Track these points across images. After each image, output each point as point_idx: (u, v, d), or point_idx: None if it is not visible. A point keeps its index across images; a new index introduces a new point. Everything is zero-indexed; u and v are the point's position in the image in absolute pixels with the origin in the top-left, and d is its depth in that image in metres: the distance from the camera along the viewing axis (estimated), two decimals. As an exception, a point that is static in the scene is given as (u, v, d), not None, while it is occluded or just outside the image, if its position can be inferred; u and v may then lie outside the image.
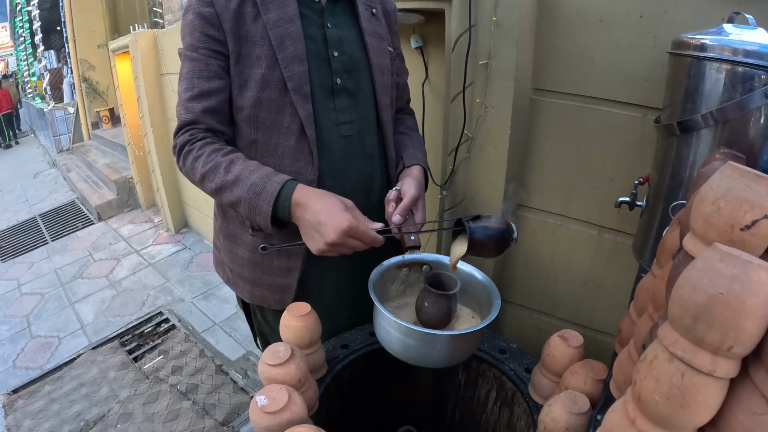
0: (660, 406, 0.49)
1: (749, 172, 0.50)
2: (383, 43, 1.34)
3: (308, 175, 1.23)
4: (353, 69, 1.27)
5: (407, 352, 1.05)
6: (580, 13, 1.44)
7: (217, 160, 1.14)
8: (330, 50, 1.23)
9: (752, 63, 0.95)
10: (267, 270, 1.32)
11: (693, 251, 0.54)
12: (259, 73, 1.16)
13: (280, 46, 1.15)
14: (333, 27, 1.24)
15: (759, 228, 0.49)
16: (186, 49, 1.19)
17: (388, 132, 1.38)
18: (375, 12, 1.34)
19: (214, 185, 1.14)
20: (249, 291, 1.36)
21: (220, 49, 1.16)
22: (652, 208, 1.21)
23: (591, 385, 0.93)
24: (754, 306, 0.42)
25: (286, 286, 1.31)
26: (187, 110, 1.18)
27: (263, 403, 0.85)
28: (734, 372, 0.47)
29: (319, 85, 1.22)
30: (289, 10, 1.17)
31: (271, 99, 1.18)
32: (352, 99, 1.28)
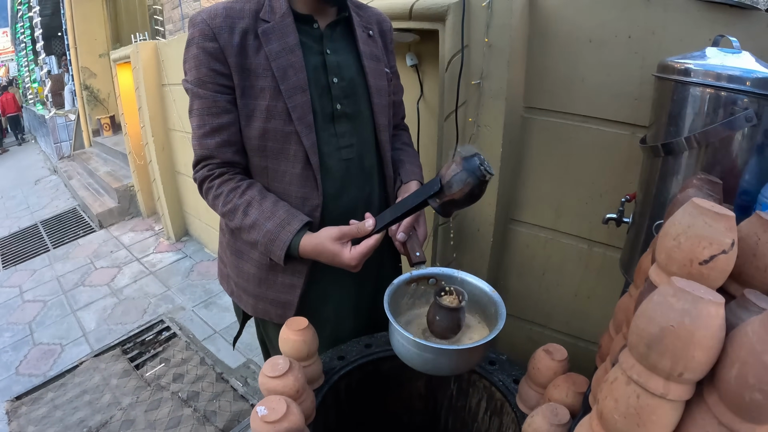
0: (619, 424, 0.54)
1: (709, 210, 0.54)
2: (380, 65, 1.36)
3: (314, 200, 1.27)
4: (352, 94, 1.29)
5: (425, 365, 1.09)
6: (570, 34, 1.49)
7: (235, 202, 1.23)
8: (330, 77, 1.24)
9: (734, 88, 0.98)
10: (271, 286, 1.35)
11: (656, 282, 0.59)
12: (264, 104, 1.19)
13: (283, 77, 1.17)
14: (332, 53, 1.26)
15: (717, 263, 0.53)
16: (193, 85, 1.20)
17: (386, 152, 1.40)
18: (371, 33, 1.35)
19: (234, 225, 1.25)
20: (252, 305, 1.40)
21: (227, 82, 1.18)
22: (638, 226, 1.25)
23: (572, 398, 0.97)
24: (703, 338, 0.47)
25: (288, 301, 1.35)
26: (202, 146, 1.23)
27: (263, 413, 0.89)
28: (687, 395, 0.52)
29: (321, 112, 1.24)
30: (289, 39, 1.19)
31: (277, 129, 1.20)
32: (352, 123, 1.31)
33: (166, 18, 6.15)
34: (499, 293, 1.18)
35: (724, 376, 0.47)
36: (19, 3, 12.68)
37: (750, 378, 0.44)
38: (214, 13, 1.16)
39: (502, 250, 1.85)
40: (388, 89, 1.39)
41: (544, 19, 1.53)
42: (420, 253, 1.25)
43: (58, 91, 11.26)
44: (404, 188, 1.40)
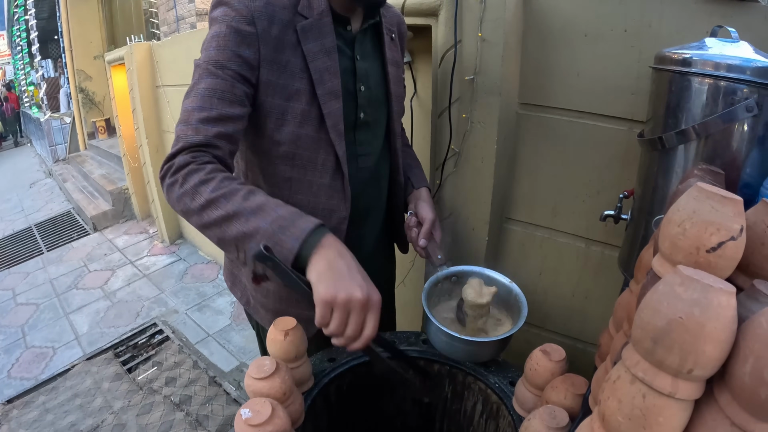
0: (623, 426, 0.50)
1: (716, 194, 0.51)
2: (399, 71, 1.33)
3: (341, 213, 1.21)
4: (375, 103, 1.25)
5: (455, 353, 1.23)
6: (565, 28, 1.46)
7: (234, 186, 0.97)
8: (357, 84, 1.18)
9: (734, 77, 0.96)
10: (293, 303, 1.28)
11: (660, 272, 0.55)
12: (299, 108, 1.09)
13: (320, 80, 1.09)
14: (361, 59, 1.19)
15: (725, 250, 0.49)
16: (209, 64, 1.02)
17: (398, 158, 1.38)
18: (393, 37, 1.30)
19: (224, 212, 0.95)
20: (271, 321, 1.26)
21: (250, 75, 1.04)
22: (637, 222, 1.22)
23: (571, 400, 0.94)
24: (714, 330, 0.43)
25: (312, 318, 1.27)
26: (197, 131, 1.00)
27: (247, 416, 0.86)
28: (696, 394, 0.47)
29: (345, 120, 1.16)
30: (327, 41, 1.10)
31: (309, 135, 1.12)
32: (371, 132, 1.27)
33: (161, 20, 6.14)
34: None
35: (737, 372, 0.43)
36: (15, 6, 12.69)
37: (766, 373, 0.40)
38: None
39: (498, 249, 1.82)
40: (403, 94, 1.37)
41: (538, 12, 1.50)
42: (441, 255, 1.32)
43: (54, 94, 11.27)
44: (415, 194, 1.41)
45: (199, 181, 0.96)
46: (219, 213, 0.95)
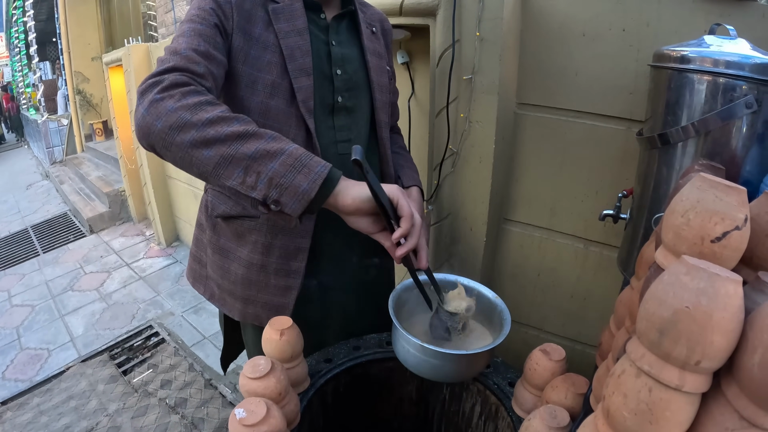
0: (628, 421, 0.48)
1: (719, 183, 0.50)
2: (382, 62, 1.34)
3: None
4: (354, 88, 1.27)
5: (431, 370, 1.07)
6: (563, 27, 1.47)
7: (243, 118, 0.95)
8: (333, 68, 1.22)
9: (733, 74, 0.96)
10: (263, 288, 1.27)
11: (664, 264, 0.54)
12: (270, 79, 1.13)
13: (291, 56, 1.13)
14: (337, 45, 1.23)
15: (730, 240, 0.49)
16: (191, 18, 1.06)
17: (386, 149, 1.38)
18: (375, 30, 1.34)
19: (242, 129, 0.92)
20: (240, 309, 1.31)
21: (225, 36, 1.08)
22: (636, 221, 1.22)
23: (572, 399, 0.93)
24: (722, 320, 0.42)
25: (283, 305, 1.27)
26: (190, 59, 0.99)
27: (242, 416, 0.85)
28: (704, 387, 0.46)
29: (320, 102, 1.20)
30: (298, 23, 1.15)
31: (279, 108, 1.15)
32: (351, 117, 1.28)
33: (160, 22, 6.14)
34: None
35: (745, 363, 0.41)
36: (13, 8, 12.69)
37: (775, 364, 0.39)
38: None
39: (496, 250, 1.81)
40: (389, 87, 1.38)
41: (536, 12, 1.51)
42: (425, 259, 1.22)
43: (51, 96, 11.26)
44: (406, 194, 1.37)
45: (205, 101, 0.94)
46: (232, 129, 0.91)
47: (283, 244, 1.23)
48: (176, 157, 0.94)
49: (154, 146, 0.96)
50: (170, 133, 0.91)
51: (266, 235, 1.23)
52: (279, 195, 0.91)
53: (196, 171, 0.95)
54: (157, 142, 0.94)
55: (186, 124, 0.90)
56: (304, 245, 1.24)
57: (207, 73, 1.00)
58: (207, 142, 0.90)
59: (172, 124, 0.91)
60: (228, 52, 1.09)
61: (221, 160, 0.91)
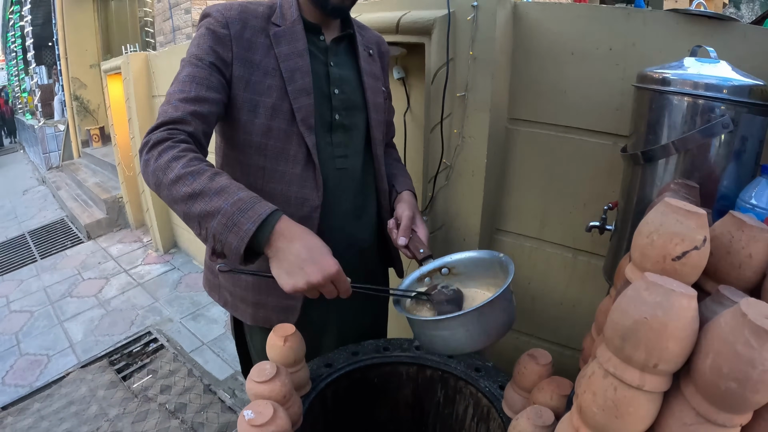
0: (597, 416, 0.55)
1: (680, 209, 0.56)
2: (378, 83, 1.41)
3: (313, 201, 1.28)
4: (351, 107, 1.34)
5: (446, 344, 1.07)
6: (552, 47, 1.51)
7: (202, 167, 1.03)
8: (331, 88, 1.29)
9: (711, 96, 1.01)
10: (272, 292, 1.32)
11: (631, 279, 0.61)
12: (270, 102, 1.21)
13: (291, 78, 1.21)
14: (335, 66, 1.30)
15: (689, 258, 0.55)
16: (190, 58, 1.17)
17: (380, 165, 1.44)
18: (371, 53, 1.41)
19: (191, 189, 1.00)
20: (252, 314, 1.37)
21: (224, 69, 1.17)
22: (620, 233, 1.27)
23: (557, 400, 0.99)
24: (676, 329, 0.49)
25: (291, 306, 1.33)
26: (176, 108, 1.10)
27: (250, 417, 0.90)
28: (663, 387, 0.53)
29: (320, 119, 1.27)
30: (299, 45, 1.23)
31: (280, 128, 1.22)
32: (348, 134, 1.34)
33: (157, 30, 6.17)
34: None
35: (699, 366, 0.48)
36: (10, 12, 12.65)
37: (724, 367, 0.45)
38: (230, 6, 1.20)
39: (489, 259, 1.85)
40: (384, 106, 1.44)
41: (527, 32, 1.56)
42: (424, 249, 1.28)
43: (48, 101, 11.21)
44: (397, 198, 1.43)
45: (172, 157, 1.03)
46: (186, 190, 1.00)
47: None
48: None
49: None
50: (156, 191, 1.07)
51: None
52: (221, 248, 1.00)
53: None
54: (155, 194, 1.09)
55: (161, 184, 1.04)
56: None
57: (189, 119, 1.10)
58: (174, 201, 1.03)
59: (154, 183, 1.05)
60: (229, 83, 1.19)
61: (184, 217, 1.03)
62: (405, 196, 1.42)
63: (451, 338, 1.05)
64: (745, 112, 1.01)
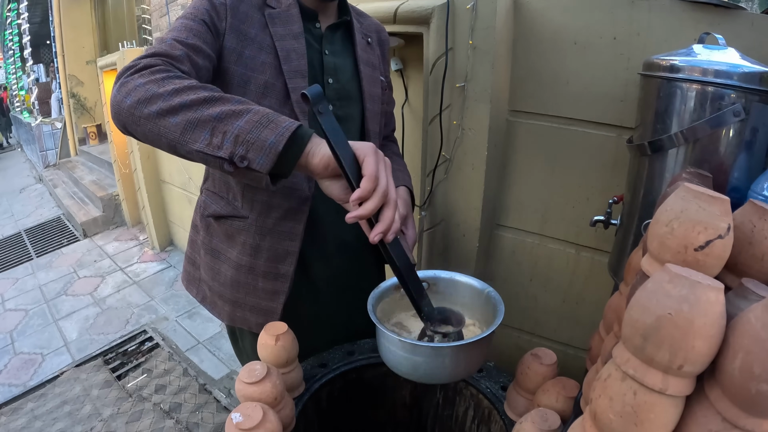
0: (614, 423, 0.50)
1: (703, 193, 0.51)
2: (376, 72, 1.36)
3: (303, 192, 1.21)
4: (346, 97, 1.28)
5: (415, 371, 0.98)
6: (555, 36, 1.48)
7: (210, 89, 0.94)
8: (325, 77, 1.24)
9: (721, 83, 0.98)
10: (251, 291, 1.27)
11: (649, 272, 0.55)
12: (263, 79, 1.14)
13: (287, 58, 1.15)
14: (330, 54, 1.25)
15: (712, 248, 0.50)
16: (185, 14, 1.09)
17: None
18: (370, 41, 1.36)
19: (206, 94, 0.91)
20: (229, 312, 1.32)
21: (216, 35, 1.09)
22: (626, 227, 1.23)
23: (563, 403, 0.94)
24: (703, 326, 0.43)
25: (271, 309, 1.27)
26: (172, 47, 1.01)
27: (238, 420, 0.85)
28: (687, 390, 0.48)
29: None
30: (294, 27, 1.18)
31: (271, 107, 1.00)
32: (342, 126, 1.27)
33: (154, 26, 6.13)
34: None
35: (727, 367, 0.43)
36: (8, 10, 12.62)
37: (755, 368, 0.40)
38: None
39: (488, 256, 1.82)
40: (382, 97, 1.38)
41: (528, 21, 1.53)
42: (410, 255, 1.20)
43: (45, 99, 11.19)
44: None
45: (174, 75, 0.95)
46: (198, 95, 0.91)
47: (272, 246, 1.24)
48: (146, 131, 0.93)
49: (125, 125, 0.96)
50: (138, 107, 0.91)
51: (254, 236, 1.23)
52: (246, 151, 0.87)
53: (165, 142, 0.93)
54: (127, 118, 0.93)
55: (153, 95, 0.90)
56: (293, 248, 1.24)
57: (185, 59, 1.01)
58: (173, 110, 0.90)
59: (140, 98, 0.91)
60: (219, 52, 1.11)
61: (187, 125, 0.90)
62: (401, 193, 1.35)
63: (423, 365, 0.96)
64: (756, 100, 0.98)
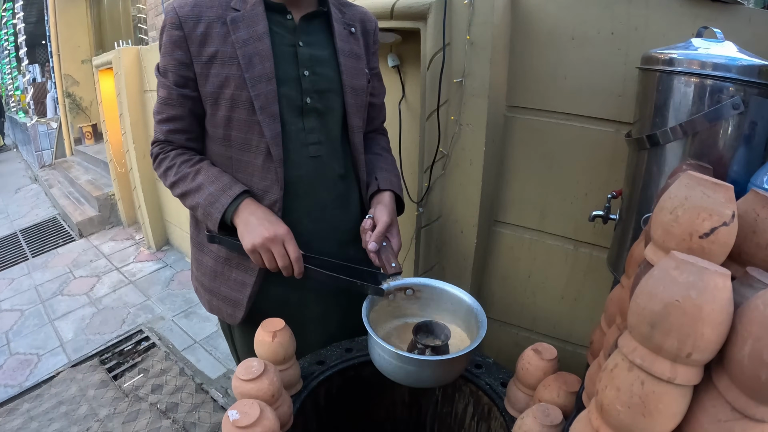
0: (622, 414, 0.49)
1: (707, 180, 0.51)
2: (359, 63, 1.33)
3: (274, 194, 1.25)
4: (325, 89, 1.27)
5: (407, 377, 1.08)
6: (552, 32, 1.48)
7: (185, 171, 1.25)
8: (300, 69, 1.23)
9: (720, 75, 0.98)
10: (224, 281, 1.35)
11: (653, 260, 0.55)
12: (229, 93, 1.18)
13: (248, 65, 1.16)
14: (305, 45, 1.24)
15: (718, 235, 0.49)
16: (159, 71, 1.25)
17: (358, 154, 1.38)
18: (354, 31, 1.33)
19: (181, 191, 1.26)
20: (207, 300, 1.41)
21: (186, 73, 1.20)
22: (625, 222, 1.23)
23: (564, 398, 0.93)
24: (712, 312, 0.42)
25: (238, 300, 1.34)
26: (157, 131, 1.29)
27: (235, 418, 0.84)
28: (696, 379, 0.47)
29: (288, 104, 1.22)
30: (258, 28, 1.18)
31: (241, 119, 1.20)
32: (322, 119, 1.28)
33: (150, 25, 6.10)
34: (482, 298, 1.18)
35: (736, 355, 0.42)
36: (3, 10, 12.56)
37: (765, 354, 0.39)
38: (184, 1, 1.18)
39: (486, 252, 1.82)
40: (366, 90, 1.36)
41: (526, 16, 1.52)
42: (396, 263, 1.22)
43: (41, 99, 11.13)
44: (378, 197, 1.36)
45: (167, 167, 1.28)
46: (178, 191, 1.28)
47: None
48: None
49: None
50: None
51: None
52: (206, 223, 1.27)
53: None
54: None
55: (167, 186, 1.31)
56: None
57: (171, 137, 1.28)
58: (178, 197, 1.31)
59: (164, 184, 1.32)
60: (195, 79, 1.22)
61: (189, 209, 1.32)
62: (386, 199, 1.34)
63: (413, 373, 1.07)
64: (755, 93, 0.98)
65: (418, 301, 1.26)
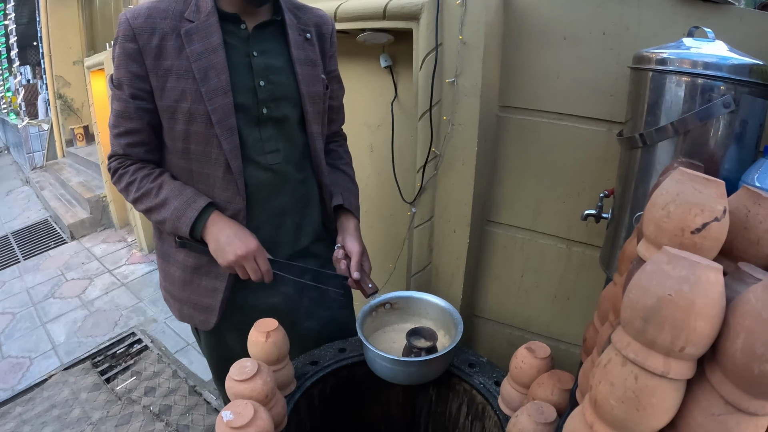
0: (615, 409, 0.49)
1: (698, 176, 0.51)
2: (316, 70, 1.33)
3: (236, 204, 1.26)
4: (281, 98, 1.27)
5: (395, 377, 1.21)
6: (544, 31, 1.48)
7: (148, 186, 1.24)
8: (256, 80, 1.23)
9: (711, 74, 0.99)
10: (195, 289, 1.35)
11: (646, 256, 0.55)
12: (186, 106, 1.18)
13: (204, 78, 1.15)
14: (260, 55, 1.23)
15: (709, 231, 0.49)
16: (113, 84, 1.23)
17: (319, 160, 1.39)
18: (309, 36, 1.32)
19: (145, 207, 1.26)
20: (179, 309, 1.41)
21: (142, 85, 1.18)
22: (618, 220, 1.23)
23: (558, 395, 0.94)
24: (705, 306, 0.43)
25: (210, 306, 1.34)
26: (114, 144, 1.27)
27: (229, 418, 0.84)
28: (689, 373, 0.47)
29: (245, 115, 1.23)
30: (213, 39, 1.16)
31: (199, 132, 1.20)
32: (279, 127, 1.29)
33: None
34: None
35: (729, 349, 0.42)
36: (-6, 12, 12.48)
37: (758, 347, 0.39)
38: (137, 12, 1.16)
39: (479, 252, 1.82)
40: (324, 96, 1.36)
41: (518, 16, 1.52)
42: (372, 284, 1.33)
43: (32, 100, 11.06)
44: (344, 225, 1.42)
45: (128, 183, 1.26)
46: (142, 207, 1.27)
47: None
48: None
49: None
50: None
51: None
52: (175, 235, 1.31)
53: None
54: None
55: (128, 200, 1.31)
56: None
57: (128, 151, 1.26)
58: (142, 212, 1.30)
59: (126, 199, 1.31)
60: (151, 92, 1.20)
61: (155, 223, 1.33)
62: (352, 228, 1.41)
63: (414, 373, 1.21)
64: (745, 92, 0.99)
65: (396, 312, 1.40)
